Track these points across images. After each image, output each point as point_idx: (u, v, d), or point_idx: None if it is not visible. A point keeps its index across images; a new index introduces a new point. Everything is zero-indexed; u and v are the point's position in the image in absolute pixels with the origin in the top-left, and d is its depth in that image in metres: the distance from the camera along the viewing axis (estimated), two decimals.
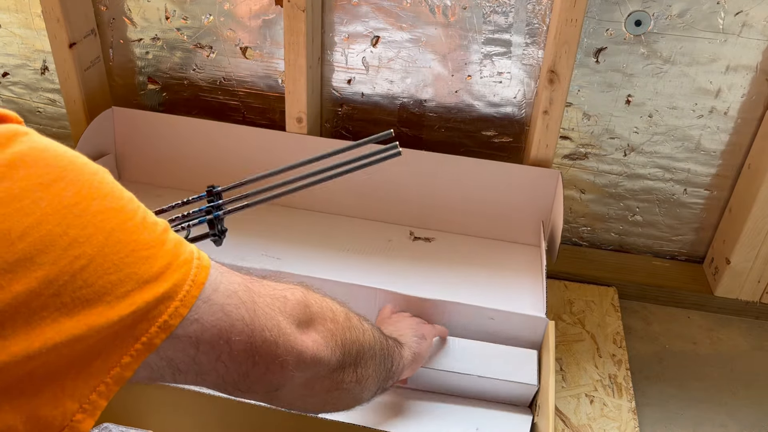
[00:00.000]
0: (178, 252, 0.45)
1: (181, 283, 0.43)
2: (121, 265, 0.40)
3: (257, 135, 1.15)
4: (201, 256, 0.47)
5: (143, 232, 0.43)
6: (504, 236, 1.12)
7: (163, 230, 0.45)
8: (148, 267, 0.42)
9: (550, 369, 0.82)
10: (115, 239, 0.41)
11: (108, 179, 0.43)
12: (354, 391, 0.61)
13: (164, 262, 0.43)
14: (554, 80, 1.01)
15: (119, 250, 0.41)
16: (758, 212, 1.05)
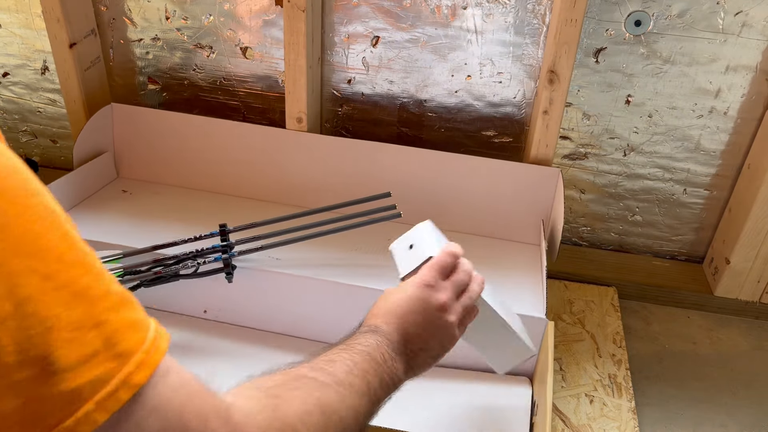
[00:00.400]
0: (118, 339, 0.35)
1: (104, 380, 0.33)
2: (26, 345, 0.32)
3: (257, 132, 1.16)
4: (155, 346, 0.37)
5: (77, 305, 0.33)
6: (504, 235, 1.12)
7: (113, 305, 0.35)
8: (65, 353, 0.32)
9: (550, 369, 0.82)
10: (29, 311, 0.32)
11: (46, 215, 0.35)
12: None
13: (88, 351, 0.33)
14: (554, 80, 1.02)
15: (29, 326, 0.32)
16: (758, 212, 1.05)
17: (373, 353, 0.58)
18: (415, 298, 0.64)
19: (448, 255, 0.69)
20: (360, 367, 0.56)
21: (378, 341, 0.60)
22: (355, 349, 0.58)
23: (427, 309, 0.64)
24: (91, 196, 1.15)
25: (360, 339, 0.60)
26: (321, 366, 0.54)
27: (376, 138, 1.19)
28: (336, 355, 0.56)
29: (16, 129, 1.36)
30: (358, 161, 1.13)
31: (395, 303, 0.64)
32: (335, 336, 0.97)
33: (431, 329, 0.65)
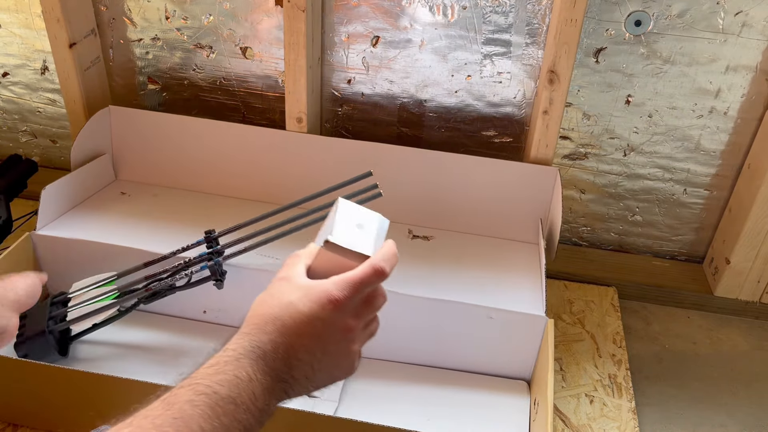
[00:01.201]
0: None
1: None
2: None
3: (256, 134, 1.15)
4: None
5: None
6: (502, 234, 1.12)
7: None
8: None
9: (550, 369, 0.82)
10: None
11: None
12: None
13: None
14: (554, 80, 1.01)
15: None
16: (758, 212, 1.05)
17: (238, 394, 0.47)
18: (320, 319, 0.52)
19: (376, 274, 0.54)
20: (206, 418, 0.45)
21: (251, 373, 0.48)
22: (211, 391, 0.46)
23: (331, 334, 0.52)
24: (89, 197, 1.15)
25: (227, 369, 0.48)
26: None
27: (376, 138, 1.19)
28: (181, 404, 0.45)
29: (16, 129, 1.36)
30: (358, 161, 1.13)
31: (294, 318, 0.51)
32: None
33: (329, 357, 0.53)
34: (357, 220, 0.61)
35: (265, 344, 0.50)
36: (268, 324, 0.51)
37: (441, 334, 0.94)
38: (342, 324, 0.53)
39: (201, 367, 0.49)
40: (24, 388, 0.83)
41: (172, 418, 0.44)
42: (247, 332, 0.51)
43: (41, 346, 0.90)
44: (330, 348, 0.53)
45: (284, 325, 0.51)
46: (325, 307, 0.52)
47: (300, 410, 0.77)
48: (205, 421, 0.45)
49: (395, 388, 0.93)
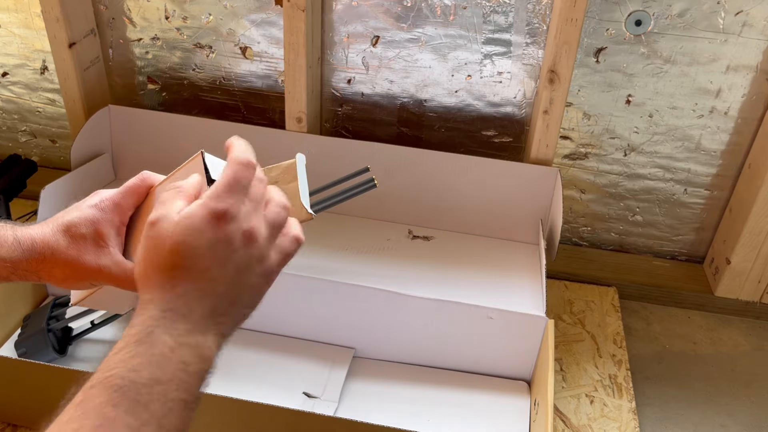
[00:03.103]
0: None
1: None
2: None
3: (256, 133, 1.15)
4: None
5: None
6: (503, 234, 1.12)
7: None
8: None
9: (550, 369, 0.82)
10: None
11: None
12: None
13: None
14: (554, 80, 1.01)
15: None
16: (758, 212, 1.04)
17: (162, 372, 0.42)
18: (217, 241, 0.45)
19: (243, 165, 0.48)
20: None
21: (170, 342, 0.43)
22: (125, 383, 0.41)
23: (234, 249, 0.46)
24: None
25: (141, 350, 0.43)
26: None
27: (376, 138, 1.19)
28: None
29: (16, 129, 1.36)
30: (357, 161, 1.12)
31: (189, 257, 0.45)
32: (331, 335, 0.97)
33: (243, 275, 0.47)
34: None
35: (174, 301, 0.44)
36: (167, 280, 0.45)
37: (441, 334, 0.94)
38: (240, 234, 0.46)
39: (109, 354, 0.43)
40: (24, 388, 0.83)
41: (93, 428, 0.39)
42: (149, 299, 0.45)
43: (40, 344, 0.90)
44: (240, 266, 0.47)
45: (183, 270, 0.45)
46: (215, 227, 0.45)
47: (300, 410, 0.77)
48: (133, 417, 0.40)
49: (395, 388, 0.93)
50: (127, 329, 0.44)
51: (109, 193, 0.58)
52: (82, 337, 0.94)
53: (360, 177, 0.90)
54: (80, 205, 0.58)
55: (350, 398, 0.90)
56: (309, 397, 0.89)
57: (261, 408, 0.75)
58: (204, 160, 0.55)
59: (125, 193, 0.58)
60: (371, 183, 0.90)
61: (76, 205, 0.58)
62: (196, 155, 0.56)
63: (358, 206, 1.15)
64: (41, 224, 0.58)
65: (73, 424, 0.39)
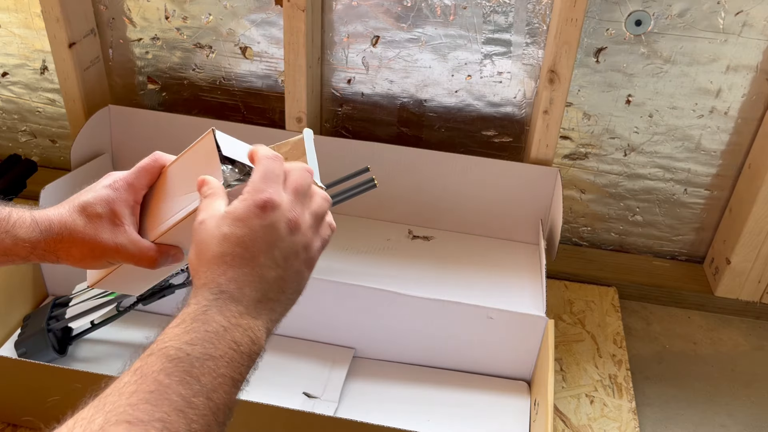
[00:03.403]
0: None
1: None
2: None
3: (256, 133, 1.15)
4: None
5: None
6: (503, 234, 1.12)
7: None
8: None
9: (550, 369, 0.82)
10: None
11: None
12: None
13: None
14: (554, 80, 1.01)
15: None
16: (758, 212, 1.04)
17: (214, 348, 0.44)
18: (262, 227, 0.48)
19: (274, 160, 0.51)
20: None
21: (223, 322, 0.45)
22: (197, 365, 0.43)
23: (281, 236, 0.49)
24: None
25: (196, 326, 0.45)
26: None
27: (376, 138, 1.19)
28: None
29: (16, 129, 1.36)
30: (357, 161, 1.13)
31: (239, 244, 0.47)
32: (331, 335, 0.97)
33: (290, 262, 0.50)
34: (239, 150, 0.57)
35: (226, 285, 0.47)
36: (218, 266, 0.47)
37: (441, 334, 0.94)
38: (284, 223, 0.49)
39: (168, 327, 0.45)
40: (24, 388, 0.83)
41: (148, 392, 0.41)
42: (202, 284, 0.47)
43: (40, 344, 0.90)
44: (286, 253, 0.49)
45: (234, 257, 0.47)
46: (260, 216, 0.48)
47: (300, 410, 0.77)
48: (185, 387, 0.42)
49: (395, 388, 0.93)
50: (184, 308, 0.46)
51: (122, 174, 0.60)
52: (82, 337, 0.94)
53: (360, 177, 0.91)
54: (94, 186, 0.60)
55: (350, 398, 0.90)
56: (309, 397, 0.89)
57: (261, 408, 0.75)
58: (215, 137, 0.55)
59: (138, 173, 0.60)
60: (371, 183, 0.90)
61: (91, 187, 0.60)
62: (207, 133, 0.56)
63: (358, 206, 1.15)
64: (57, 206, 0.60)
65: (130, 387, 0.41)
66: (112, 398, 0.41)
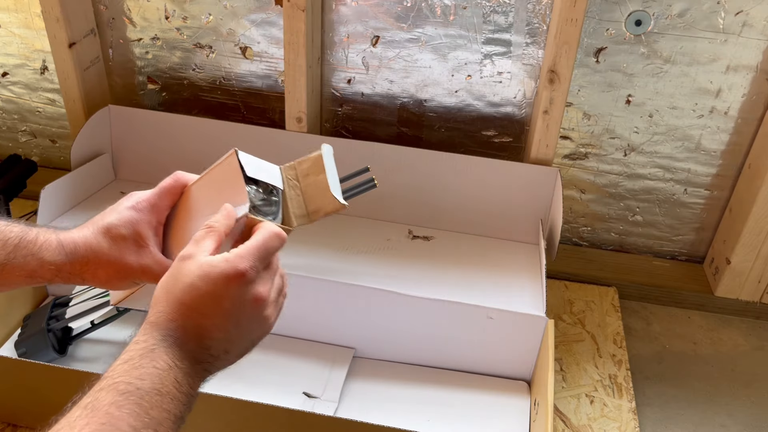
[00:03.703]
0: None
1: None
2: None
3: (256, 133, 1.15)
4: None
5: None
6: (503, 234, 1.12)
7: None
8: None
9: (550, 369, 0.82)
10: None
11: None
12: None
13: None
14: (554, 80, 1.01)
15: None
16: (758, 212, 1.04)
17: (161, 384, 0.46)
18: (226, 297, 0.50)
19: (277, 237, 0.54)
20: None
21: (168, 361, 0.47)
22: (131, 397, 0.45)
23: (242, 309, 0.51)
24: (89, 197, 1.15)
25: (144, 363, 0.47)
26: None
27: (376, 138, 1.19)
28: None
29: (16, 129, 1.36)
30: (357, 161, 1.12)
31: (198, 301, 0.49)
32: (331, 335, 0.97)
33: (243, 330, 0.52)
34: (259, 170, 0.60)
35: (175, 331, 0.49)
36: (174, 311, 0.49)
37: (441, 334, 0.94)
38: (251, 296, 0.51)
39: (115, 363, 0.47)
40: (24, 388, 0.83)
41: (99, 424, 0.43)
42: (154, 321, 0.49)
43: (40, 344, 0.90)
44: (242, 321, 0.51)
45: (190, 309, 0.49)
46: (230, 285, 0.50)
47: (300, 410, 0.77)
48: (135, 419, 0.44)
49: (395, 388, 0.93)
50: (132, 345, 0.49)
51: (144, 195, 0.61)
52: (82, 337, 0.94)
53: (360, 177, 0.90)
54: (117, 207, 0.61)
55: (350, 398, 0.90)
56: (309, 397, 0.89)
57: (261, 408, 0.75)
58: (239, 159, 0.57)
59: (160, 194, 0.62)
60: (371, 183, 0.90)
61: (113, 208, 0.61)
62: (230, 154, 0.58)
63: (358, 206, 1.14)
64: (81, 228, 0.60)
65: (82, 420, 0.43)
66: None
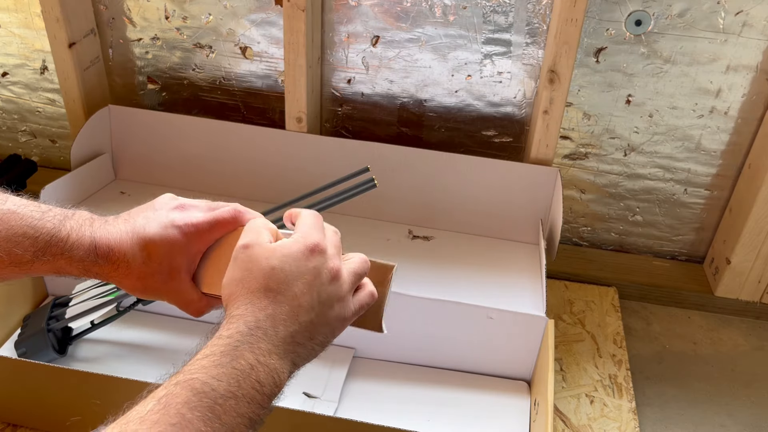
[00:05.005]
0: None
1: None
2: None
3: (255, 133, 1.15)
4: None
5: None
6: (503, 234, 1.12)
7: None
8: None
9: (550, 369, 0.82)
10: None
11: None
12: None
13: None
14: (554, 80, 1.01)
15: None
16: (758, 212, 1.04)
17: (238, 387, 0.45)
18: (309, 270, 0.49)
19: (312, 214, 0.55)
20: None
21: (251, 360, 0.46)
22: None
23: (322, 281, 0.50)
24: (89, 197, 1.15)
25: (224, 361, 0.45)
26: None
27: (376, 138, 1.19)
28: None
29: (15, 129, 1.36)
30: (358, 161, 1.12)
31: (284, 281, 0.49)
32: None
33: (325, 307, 0.51)
34: None
35: (263, 322, 0.47)
36: (259, 299, 0.48)
37: (441, 334, 0.94)
38: (328, 267, 0.51)
39: (196, 357, 0.46)
40: (24, 388, 0.83)
41: (170, 425, 0.41)
42: (239, 314, 0.48)
43: (40, 344, 0.90)
44: (324, 297, 0.50)
45: (277, 294, 0.48)
46: (310, 258, 0.50)
47: (300, 410, 0.77)
48: (205, 424, 0.42)
49: (395, 388, 0.93)
50: (215, 338, 0.46)
51: (195, 218, 0.58)
52: (82, 337, 0.94)
53: (360, 177, 0.90)
54: (163, 218, 0.57)
55: (350, 398, 0.90)
56: (309, 397, 0.89)
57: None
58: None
59: (214, 226, 0.58)
60: (371, 183, 0.90)
61: (158, 215, 0.57)
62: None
63: (358, 206, 1.15)
64: (121, 226, 0.57)
65: (154, 416, 0.41)
66: (133, 425, 0.41)
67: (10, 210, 0.56)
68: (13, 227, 0.55)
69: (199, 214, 0.58)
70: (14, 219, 0.55)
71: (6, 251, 0.54)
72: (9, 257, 0.55)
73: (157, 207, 0.58)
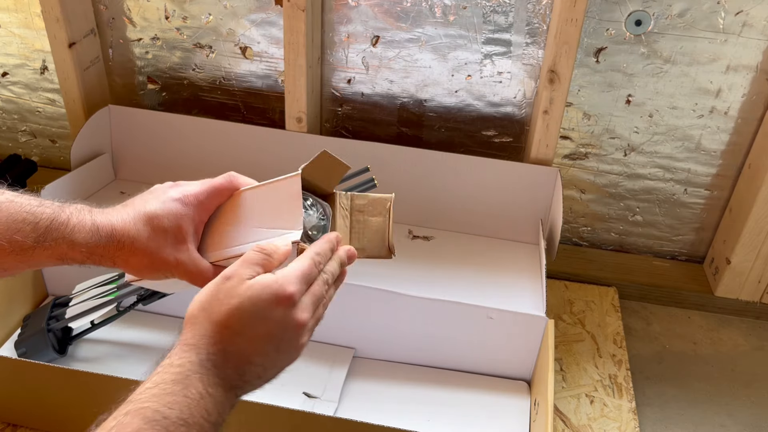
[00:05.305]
0: None
1: None
2: None
3: (256, 133, 1.15)
4: None
5: None
6: (503, 234, 1.12)
7: None
8: None
9: (550, 369, 0.82)
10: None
11: None
12: None
13: None
14: (554, 80, 1.01)
15: None
16: (758, 212, 1.04)
17: (189, 414, 0.45)
18: (272, 320, 0.49)
19: (317, 264, 0.54)
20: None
21: (201, 390, 0.46)
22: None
23: (284, 332, 0.50)
24: (89, 197, 1.15)
25: (176, 389, 0.45)
26: None
27: (376, 138, 1.19)
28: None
29: (15, 129, 1.36)
30: (357, 161, 1.12)
31: (245, 323, 0.49)
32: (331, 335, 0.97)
33: (281, 355, 0.51)
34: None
35: (215, 355, 0.48)
36: (216, 333, 0.48)
37: (441, 334, 0.94)
38: (294, 321, 0.51)
39: (144, 385, 0.45)
40: (24, 388, 0.83)
41: None
42: (193, 344, 0.48)
43: (40, 344, 0.90)
44: (282, 346, 0.51)
45: (235, 333, 0.48)
46: (278, 307, 0.49)
47: (300, 410, 0.77)
48: None
49: (395, 388, 0.93)
50: (165, 367, 0.47)
51: (193, 189, 0.59)
52: (82, 337, 0.94)
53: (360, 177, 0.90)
54: (161, 196, 0.58)
55: (350, 398, 0.90)
56: (309, 397, 0.89)
57: (261, 408, 0.75)
58: (302, 183, 0.57)
59: (211, 193, 0.60)
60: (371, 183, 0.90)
61: (156, 195, 0.59)
62: (296, 174, 0.57)
63: None
64: (120, 210, 0.59)
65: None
66: None
67: (7, 199, 0.56)
68: (13, 214, 0.55)
69: (195, 185, 0.60)
70: (13, 207, 0.56)
71: (7, 239, 0.54)
72: (10, 245, 0.54)
73: (153, 191, 0.60)
